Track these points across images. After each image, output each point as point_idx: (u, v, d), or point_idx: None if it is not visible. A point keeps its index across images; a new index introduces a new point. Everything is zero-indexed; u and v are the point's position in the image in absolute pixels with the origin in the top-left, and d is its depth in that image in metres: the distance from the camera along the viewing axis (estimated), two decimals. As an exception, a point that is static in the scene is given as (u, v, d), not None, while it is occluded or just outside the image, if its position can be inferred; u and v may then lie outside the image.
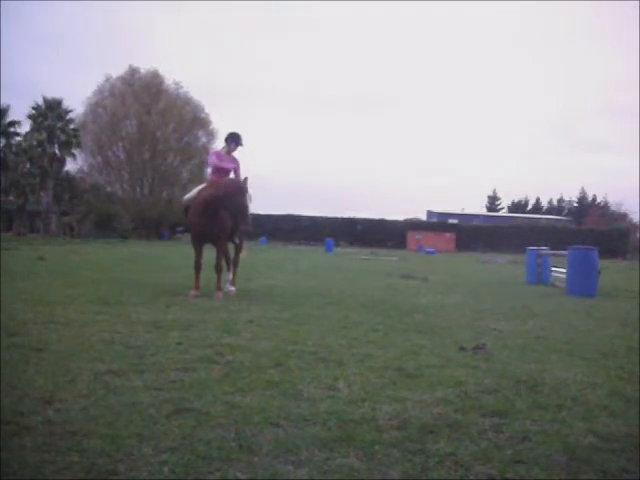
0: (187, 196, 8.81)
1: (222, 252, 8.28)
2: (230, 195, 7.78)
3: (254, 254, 22.20)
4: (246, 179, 7.92)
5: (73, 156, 46.40)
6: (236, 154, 8.70)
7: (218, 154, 8.67)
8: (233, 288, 8.52)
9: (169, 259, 18.10)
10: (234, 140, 8.58)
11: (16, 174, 43.15)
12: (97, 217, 45.29)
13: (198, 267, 8.23)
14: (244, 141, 8.65)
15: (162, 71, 48.58)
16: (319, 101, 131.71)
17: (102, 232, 42.44)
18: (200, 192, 8.24)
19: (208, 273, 8.36)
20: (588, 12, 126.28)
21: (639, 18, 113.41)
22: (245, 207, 7.81)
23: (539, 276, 13.39)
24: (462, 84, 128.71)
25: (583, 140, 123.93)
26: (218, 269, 8.10)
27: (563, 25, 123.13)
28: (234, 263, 8.85)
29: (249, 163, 8.37)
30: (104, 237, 38.95)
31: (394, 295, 9.39)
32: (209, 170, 8.87)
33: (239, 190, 7.78)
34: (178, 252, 22.19)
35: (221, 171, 8.46)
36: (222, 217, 8.04)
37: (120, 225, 44.78)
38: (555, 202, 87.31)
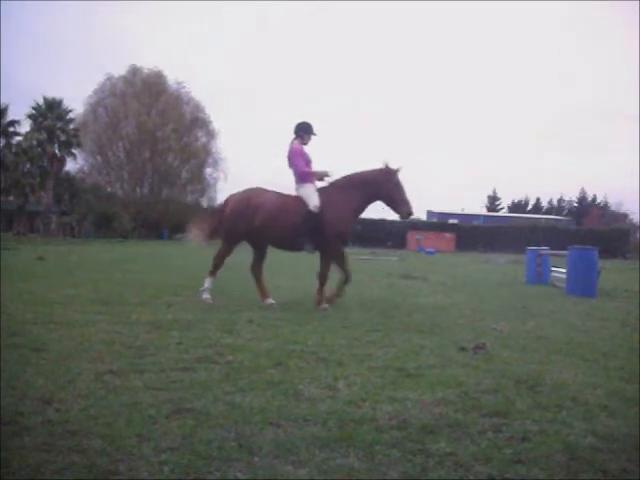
0: (315, 202, 7.24)
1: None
2: (385, 183, 7.42)
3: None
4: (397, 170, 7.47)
5: (73, 156, 46.47)
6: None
7: (302, 150, 7.65)
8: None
9: (169, 259, 18.09)
10: (307, 131, 7.70)
11: (16, 174, 43.12)
12: (97, 217, 45.29)
13: (325, 279, 7.48)
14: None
15: (164, 71, 48.56)
16: (319, 101, 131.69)
17: (102, 232, 42.48)
18: (346, 198, 7.39)
19: (201, 274, 8.33)
20: (589, 12, 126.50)
21: (639, 18, 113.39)
22: (402, 188, 7.46)
23: (539, 276, 13.37)
24: (462, 84, 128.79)
25: (583, 140, 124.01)
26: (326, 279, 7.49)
27: (563, 25, 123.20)
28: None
29: (249, 163, 8.22)
30: (104, 237, 38.98)
31: (394, 295, 9.38)
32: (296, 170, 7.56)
33: (389, 174, 7.44)
34: (178, 252, 22.18)
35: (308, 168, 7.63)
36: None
37: (120, 225, 44.72)
38: (555, 202, 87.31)
